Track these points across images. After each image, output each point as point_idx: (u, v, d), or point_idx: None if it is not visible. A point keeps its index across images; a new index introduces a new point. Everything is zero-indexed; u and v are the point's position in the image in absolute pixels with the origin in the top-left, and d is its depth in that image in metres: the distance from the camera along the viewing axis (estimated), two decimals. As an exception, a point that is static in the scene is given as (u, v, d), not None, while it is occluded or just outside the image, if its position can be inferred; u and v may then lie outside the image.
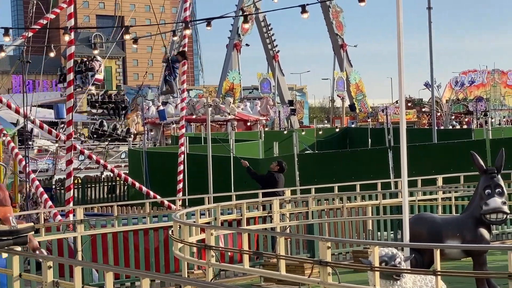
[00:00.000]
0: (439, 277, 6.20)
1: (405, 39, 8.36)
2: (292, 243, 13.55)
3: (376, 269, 6.43)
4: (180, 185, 18.09)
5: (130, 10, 64.02)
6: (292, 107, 63.26)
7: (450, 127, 53.07)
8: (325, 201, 13.63)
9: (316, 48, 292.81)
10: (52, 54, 17.31)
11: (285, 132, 38.90)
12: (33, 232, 7.43)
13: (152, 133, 44.13)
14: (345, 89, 69.26)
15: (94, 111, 51.17)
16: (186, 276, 9.15)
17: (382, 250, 7.25)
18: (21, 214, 13.22)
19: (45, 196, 14.07)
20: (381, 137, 30.90)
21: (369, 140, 33.28)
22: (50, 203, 13.91)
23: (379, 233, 14.69)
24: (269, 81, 65.73)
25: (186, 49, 18.16)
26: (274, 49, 68.74)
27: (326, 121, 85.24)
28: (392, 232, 14.96)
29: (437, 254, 6.20)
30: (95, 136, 46.28)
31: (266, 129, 48.93)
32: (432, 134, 27.77)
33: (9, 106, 15.88)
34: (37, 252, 7.60)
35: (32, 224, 7.53)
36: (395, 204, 13.65)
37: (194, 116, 42.80)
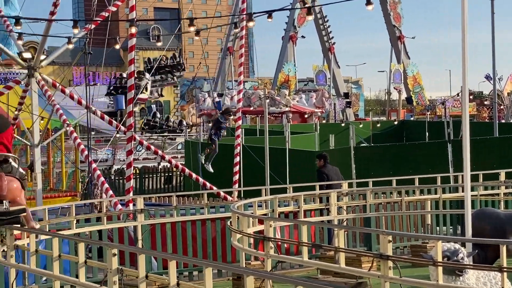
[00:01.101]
0: (505, 273, 6.09)
1: (467, 30, 8.23)
2: (348, 236, 13.50)
3: (439, 264, 6.35)
4: (236, 177, 18.20)
5: (188, 2, 64.48)
6: (348, 100, 62.92)
7: None
8: (382, 195, 13.53)
9: (372, 40, 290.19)
10: (117, 46, 17.58)
11: (343, 124, 38.69)
12: (25, 214, 7.85)
13: (209, 124, 44.48)
14: (402, 81, 68.49)
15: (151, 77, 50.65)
16: (245, 267, 9.21)
17: (444, 245, 7.17)
18: (84, 202, 13.49)
19: (106, 185, 14.33)
20: (439, 131, 30.47)
21: (427, 133, 32.83)
22: (111, 192, 14.16)
23: (438, 228, 14.52)
24: (325, 73, 65.46)
25: (242, 50, 18.19)
26: (330, 41, 68.41)
27: (381, 114, 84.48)
28: (451, 227, 14.77)
29: (503, 250, 6.10)
30: (146, 127, 46.83)
31: (322, 121, 48.77)
32: (493, 127, 27.26)
33: (71, 97, 16.20)
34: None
35: (24, 206, 7.78)
36: (456, 198, 13.46)
37: (251, 108, 42.96)
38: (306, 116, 47.85)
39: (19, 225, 7.95)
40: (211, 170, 18.66)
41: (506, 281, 6.36)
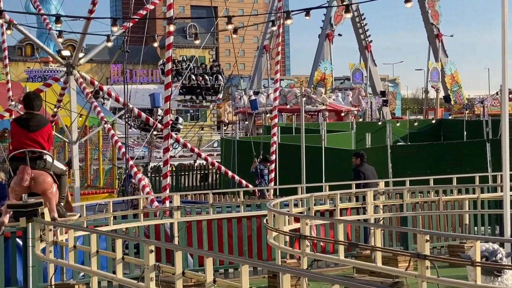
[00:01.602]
0: (544, 274, 6.01)
1: (507, 27, 8.12)
2: (385, 236, 13.41)
3: (477, 264, 6.28)
4: (272, 175, 18.21)
5: (224, 0, 64.68)
6: (384, 98, 62.47)
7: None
8: (419, 194, 13.41)
9: (410, 38, 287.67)
10: (155, 44, 17.68)
11: (379, 123, 38.42)
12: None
13: (246, 122, 44.54)
14: (440, 80, 67.76)
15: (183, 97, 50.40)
16: (282, 265, 9.21)
17: (482, 245, 7.08)
18: (122, 199, 13.59)
19: (143, 182, 14.44)
20: (477, 130, 30.08)
21: (465, 132, 32.44)
22: (148, 189, 14.27)
23: (476, 228, 14.35)
24: (361, 72, 65.06)
25: (279, 57, 18.14)
26: (366, 39, 67.99)
27: (418, 113, 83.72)
28: (489, 227, 14.59)
29: (543, 250, 6.01)
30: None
31: (359, 120, 48.50)
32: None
33: (109, 95, 16.36)
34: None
35: (41, 200, 8.17)
36: (494, 198, 13.27)
37: (288, 106, 42.90)
38: (342, 114, 47.64)
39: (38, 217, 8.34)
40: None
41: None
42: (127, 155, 14.83)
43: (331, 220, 11.81)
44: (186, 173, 28.41)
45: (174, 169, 27.65)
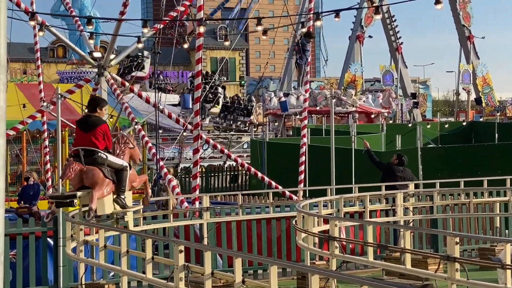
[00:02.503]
0: None
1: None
2: (415, 238, 13.33)
3: (507, 267, 6.23)
4: (302, 176, 18.18)
5: (254, 2, 64.77)
6: (415, 100, 62.01)
7: None
8: (450, 196, 13.31)
9: (441, 40, 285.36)
10: (186, 46, 17.77)
11: (410, 125, 38.18)
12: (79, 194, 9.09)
13: (276, 124, 44.50)
14: (471, 82, 67.11)
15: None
16: (311, 266, 9.20)
17: (513, 248, 7.01)
18: (153, 200, 13.64)
19: (173, 183, 14.52)
20: (509, 132, 29.79)
21: (496, 135, 32.10)
22: (177, 190, 14.34)
23: (507, 231, 14.21)
24: (392, 73, 64.70)
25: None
26: (397, 41, 67.58)
27: (449, 115, 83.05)
28: (520, 230, 14.43)
29: None
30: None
31: (389, 122, 48.24)
32: None
33: (140, 96, 16.49)
34: (91, 212, 8.87)
35: (75, 192, 9.08)
36: (525, 201, 13.13)
37: (317, 108, 42.80)
38: (372, 116, 47.39)
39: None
40: None
41: None
42: (157, 156, 14.93)
43: (360, 221, 11.78)
44: (216, 174, 28.47)
45: (204, 170, 27.74)
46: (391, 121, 50.87)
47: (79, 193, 9.06)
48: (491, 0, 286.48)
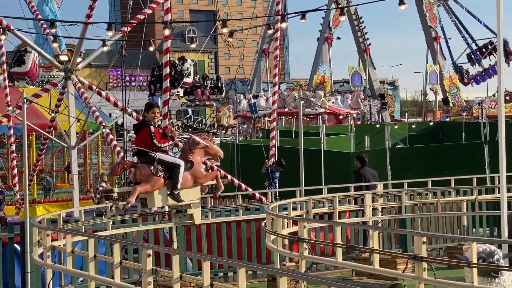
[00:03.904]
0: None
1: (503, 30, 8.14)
2: (384, 238, 13.42)
3: (474, 265, 6.30)
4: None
5: (223, 4, 64.72)
6: (383, 101, 62.50)
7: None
8: (418, 196, 13.43)
9: (408, 41, 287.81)
10: (151, 48, 17.67)
11: (377, 125, 38.46)
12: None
13: (245, 126, 44.50)
14: (438, 82, 67.80)
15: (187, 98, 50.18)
16: (279, 268, 9.22)
17: (479, 247, 7.08)
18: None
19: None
20: (476, 132, 30.13)
21: (463, 134, 32.49)
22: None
23: (474, 229, 14.37)
24: (360, 75, 65.13)
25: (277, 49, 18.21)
26: (365, 42, 68.04)
27: (417, 115, 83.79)
28: (487, 228, 14.60)
29: (539, 251, 6.02)
30: (180, 130, 46.80)
31: (358, 123, 48.53)
32: (530, 128, 26.85)
33: (108, 99, 16.37)
34: (129, 205, 9.88)
35: (113, 188, 10.43)
36: (492, 200, 13.30)
37: (286, 109, 42.90)
38: (341, 117, 47.67)
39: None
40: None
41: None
42: (126, 159, 14.82)
43: (329, 223, 11.82)
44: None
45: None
46: (359, 122, 51.19)
47: (116, 189, 10.21)
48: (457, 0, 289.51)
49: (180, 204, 10.41)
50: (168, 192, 10.16)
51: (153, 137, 10.04)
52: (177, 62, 44.20)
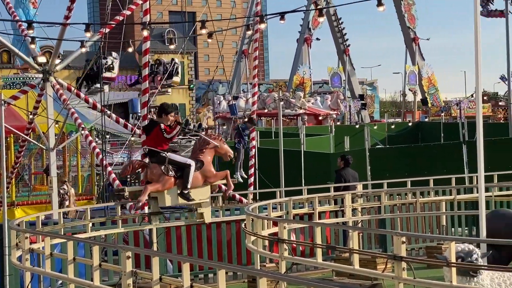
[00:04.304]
0: (518, 274, 6.07)
1: (480, 30, 8.19)
2: (364, 238, 13.46)
3: (452, 265, 6.34)
4: (251, 179, 18.21)
5: (202, 5, 64.61)
6: (363, 101, 62.76)
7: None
8: (397, 196, 13.49)
9: (387, 41, 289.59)
10: (130, 50, 17.60)
11: (357, 126, 38.61)
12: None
13: (225, 127, 44.46)
14: (417, 83, 68.22)
15: None
16: (259, 269, 9.21)
17: (458, 246, 7.14)
18: (101, 206, 13.52)
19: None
20: (454, 132, 30.34)
21: (442, 134, 32.72)
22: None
23: (453, 229, 14.46)
24: (340, 75, 65.37)
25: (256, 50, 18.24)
26: (344, 43, 68.29)
27: (396, 116, 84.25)
28: (466, 228, 14.70)
29: (516, 250, 6.07)
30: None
31: (337, 123, 48.67)
32: (508, 128, 27.13)
33: (86, 101, 16.28)
34: (140, 204, 10.33)
35: (124, 187, 10.87)
36: (470, 199, 13.40)
37: (266, 110, 42.93)
38: (321, 118, 47.79)
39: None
40: (244, 176, 18.59)
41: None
42: (105, 161, 14.77)
43: (308, 223, 11.85)
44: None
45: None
46: (339, 123, 51.36)
47: (127, 188, 10.62)
48: (435, 2, 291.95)
49: (191, 203, 10.70)
50: (179, 192, 10.45)
51: (163, 132, 10.32)
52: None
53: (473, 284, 7.14)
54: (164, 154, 10.34)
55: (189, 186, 10.43)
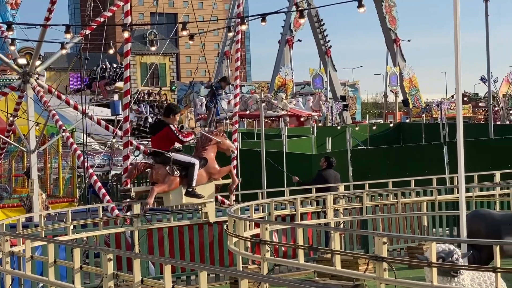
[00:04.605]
0: (498, 274, 6.11)
1: (460, 32, 8.25)
2: (346, 239, 13.50)
3: (433, 265, 6.37)
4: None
5: (184, 7, 64.51)
6: (345, 103, 62.96)
7: (507, 122, 52.05)
8: (379, 197, 13.54)
9: (368, 43, 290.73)
10: (111, 51, 17.53)
11: (339, 127, 38.72)
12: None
13: (206, 129, 44.33)
14: (398, 84, 68.56)
15: (139, 108, 50.84)
16: (241, 270, 9.22)
17: (439, 246, 7.18)
18: (83, 208, 13.46)
19: (103, 190, 14.31)
20: (435, 133, 30.49)
21: (423, 135, 32.89)
22: (107, 197, 14.14)
23: (434, 229, 14.54)
24: (321, 77, 65.50)
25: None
26: (326, 45, 68.51)
27: (378, 117, 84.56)
28: (447, 228, 14.79)
29: (496, 250, 6.11)
30: (136, 132, 46.58)
31: (319, 124, 48.77)
32: (488, 129, 27.32)
33: (67, 103, 16.20)
34: (148, 206, 10.46)
35: (130, 187, 10.97)
36: (451, 200, 13.48)
37: (247, 112, 42.91)
38: (303, 119, 47.86)
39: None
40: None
41: (500, 282, 6.39)
42: (86, 163, 14.69)
43: (290, 224, 11.86)
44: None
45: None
46: (320, 124, 51.47)
47: (133, 189, 10.78)
48: (416, 3, 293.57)
49: (200, 201, 10.84)
50: (184, 192, 10.59)
51: (177, 134, 10.47)
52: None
53: (454, 284, 7.19)
54: (168, 155, 10.45)
55: (193, 184, 10.55)
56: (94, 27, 15.74)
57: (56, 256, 7.64)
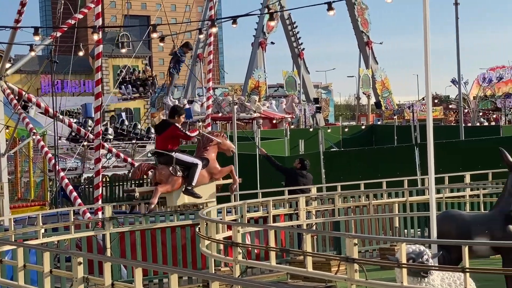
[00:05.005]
0: (467, 274, 6.18)
1: (431, 35, 8.32)
2: (318, 241, 13.55)
3: (403, 266, 6.42)
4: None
5: (157, 9, 64.30)
6: (318, 105, 63.10)
7: (478, 124, 52.61)
8: (351, 199, 13.61)
9: (341, 45, 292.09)
10: (81, 53, 17.42)
11: (311, 129, 38.85)
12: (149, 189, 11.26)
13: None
14: (371, 86, 68.93)
15: (122, 91, 50.08)
16: (213, 273, 9.21)
17: (409, 247, 7.24)
18: (53, 211, 13.34)
19: (75, 193, 14.21)
20: (407, 135, 30.72)
21: (395, 137, 33.12)
22: (79, 200, 14.05)
23: (405, 230, 14.64)
24: (294, 79, 65.64)
25: (211, 47, 18.29)
26: (299, 47, 68.63)
27: (351, 119, 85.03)
28: (419, 229, 14.90)
29: (465, 251, 6.18)
30: (114, 135, 46.28)
31: (292, 127, 48.89)
32: (459, 131, 27.59)
33: (38, 106, 16.08)
34: (152, 206, 10.80)
35: (134, 188, 11.23)
36: (422, 201, 13.59)
37: (220, 114, 42.91)
38: (276, 121, 47.97)
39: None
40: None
41: (470, 282, 6.45)
42: (57, 166, 14.58)
43: (262, 227, 11.88)
44: (121, 183, 28.00)
45: (108, 179, 27.23)
46: (293, 126, 51.60)
47: (137, 189, 10.98)
48: (388, 6, 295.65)
49: (197, 202, 11.08)
50: (183, 190, 10.83)
51: (183, 130, 10.79)
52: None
53: (424, 284, 7.25)
54: (171, 155, 10.66)
55: (193, 184, 10.76)
56: (65, 29, 15.64)
57: (26, 261, 7.56)
